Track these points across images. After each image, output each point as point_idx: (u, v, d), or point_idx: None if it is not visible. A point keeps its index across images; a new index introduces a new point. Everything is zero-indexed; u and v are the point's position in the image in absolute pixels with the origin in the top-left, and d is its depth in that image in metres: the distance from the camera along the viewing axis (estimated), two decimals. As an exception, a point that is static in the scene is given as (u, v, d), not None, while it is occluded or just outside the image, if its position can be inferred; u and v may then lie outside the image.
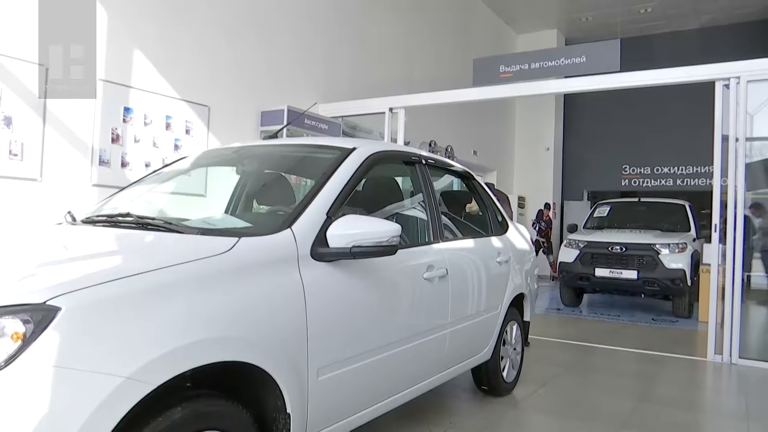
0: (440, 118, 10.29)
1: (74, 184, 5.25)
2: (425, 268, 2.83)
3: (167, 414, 1.61)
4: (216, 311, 1.76)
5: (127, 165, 5.64)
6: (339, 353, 2.22)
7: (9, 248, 2.09)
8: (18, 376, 1.36)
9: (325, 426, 2.23)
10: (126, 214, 2.41)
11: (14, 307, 1.42)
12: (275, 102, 7.12)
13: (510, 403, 3.93)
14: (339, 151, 2.68)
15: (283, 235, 2.12)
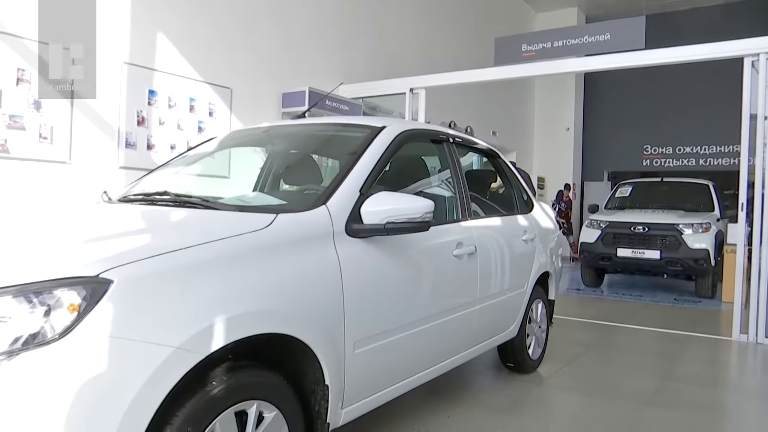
0: (459, 98, 10.23)
1: (102, 166, 5.32)
2: (454, 246, 2.86)
3: (213, 384, 1.66)
4: (258, 285, 1.81)
5: (152, 147, 5.70)
6: (374, 327, 2.26)
7: (53, 226, 2.15)
8: (74, 346, 1.41)
9: (360, 398, 2.28)
10: (163, 192, 2.46)
11: (69, 280, 1.47)
12: (296, 84, 7.13)
13: (535, 381, 3.96)
14: (369, 130, 2.70)
15: (318, 211, 2.16)
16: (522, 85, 13.85)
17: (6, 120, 4.65)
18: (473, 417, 3.19)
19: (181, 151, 5.82)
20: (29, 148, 4.80)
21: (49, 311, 1.42)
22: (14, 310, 1.42)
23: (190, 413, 1.59)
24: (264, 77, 6.93)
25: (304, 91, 6.92)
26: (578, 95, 14.95)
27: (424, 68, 8.56)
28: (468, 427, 3.03)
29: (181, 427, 1.56)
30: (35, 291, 1.44)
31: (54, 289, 1.45)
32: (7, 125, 4.66)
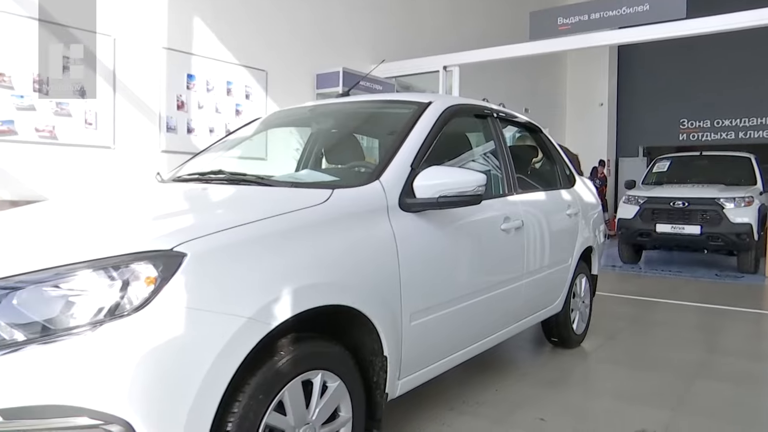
0: (491, 76, 10.13)
1: (144, 150, 5.44)
2: (502, 220, 2.86)
3: (281, 354, 1.71)
4: (320, 257, 1.85)
5: (192, 131, 5.80)
6: (428, 300, 2.29)
7: (118, 205, 2.22)
8: (153, 317, 1.46)
9: (415, 370, 2.32)
10: (218, 171, 2.51)
11: (145, 254, 1.52)
12: (329, 64, 7.15)
13: (580, 355, 3.96)
14: (415, 105, 2.71)
15: (372, 186, 2.18)
16: (553, 60, 13.63)
17: (53, 107, 4.77)
18: (521, 390, 3.21)
19: (219, 134, 5.93)
20: (75, 134, 4.93)
21: (127, 284, 1.48)
22: (95, 283, 1.48)
23: (261, 382, 1.64)
24: (298, 59, 6.96)
25: (338, 71, 6.94)
26: (612, 69, 14.65)
27: (455, 46, 8.48)
28: (517, 400, 3.05)
29: (253, 395, 1.62)
30: (114, 265, 1.50)
31: (131, 262, 1.50)
32: (55, 112, 4.79)
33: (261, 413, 1.65)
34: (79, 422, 1.40)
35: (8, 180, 4.58)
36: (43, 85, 4.71)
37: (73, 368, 1.40)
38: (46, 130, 4.75)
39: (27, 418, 1.41)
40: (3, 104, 4.50)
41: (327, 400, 1.88)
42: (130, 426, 1.41)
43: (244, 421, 1.60)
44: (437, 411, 2.86)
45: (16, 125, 4.58)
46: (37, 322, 1.45)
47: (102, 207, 2.18)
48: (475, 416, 2.82)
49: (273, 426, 1.71)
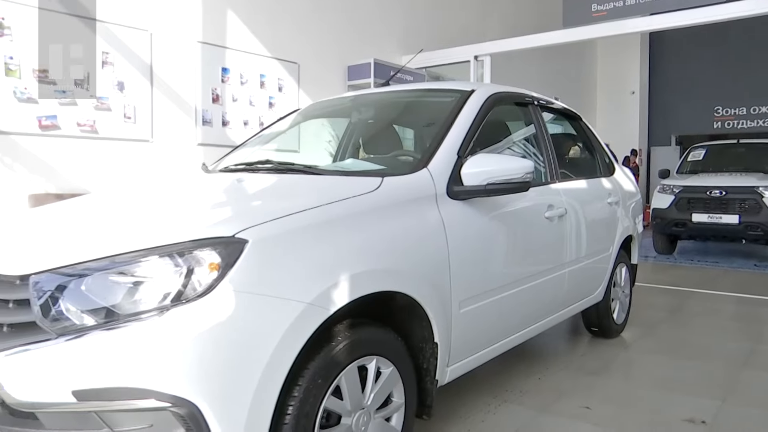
0: (520, 64, 10.02)
1: (181, 143, 5.52)
2: (546, 208, 2.85)
3: (338, 339, 1.73)
4: (374, 244, 1.87)
5: (227, 124, 5.86)
6: (476, 287, 2.30)
7: (173, 194, 2.26)
8: (218, 302, 1.49)
9: (464, 357, 2.33)
10: (265, 161, 2.54)
11: (209, 240, 1.55)
12: (360, 56, 7.15)
13: (621, 345, 3.92)
14: (459, 94, 2.70)
15: (421, 174, 2.19)
16: (584, 48, 13.43)
17: (94, 101, 4.87)
18: (564, 379, 3.20)
19: (253, 126, 5.98)
20: (115, 128, 5.02)
21: (192, 270, 1.51)
22: (161, 269, 1.51)
23: (320, 366, 1.67)
24: (329, 51, 6.98)
25: (370, 62, 6.94)
26: (643, 57, 14.39)
27: (485, 35, 8.42)
28: (560, 388, 3.04)
29: (312, 380, 1.64)
30: (178, 251, 1.53)
31: (195, 249, 1.53)
32: (95, 107, 4.88)
33: (320, 397, 1.67)
34: (148, 404, 1.44)
35: (53, 174, 4.69)
36: (84, 81, 4.80)
37: (142, 352, 1.44)
38: (87, 125, 4.84)
39: (99, 400, 1.45)
40: (47, 100, 4.60)
41: (381, 386, 1.90)
42: (197, 408, 1.45)
43: (304, 405, 1.62)
44: (481, 399, 2.87)
45: (59, 120, 4.68)
46: (105, 308, 1.49)
47: (155, 197, 2.22)
48: (520, 404, 2.82)
49: (331, 410, 1.74)
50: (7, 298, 1.61)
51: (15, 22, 4.42)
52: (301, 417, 1.62)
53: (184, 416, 1.45)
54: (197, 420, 1.46)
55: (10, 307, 1.60)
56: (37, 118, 4.58)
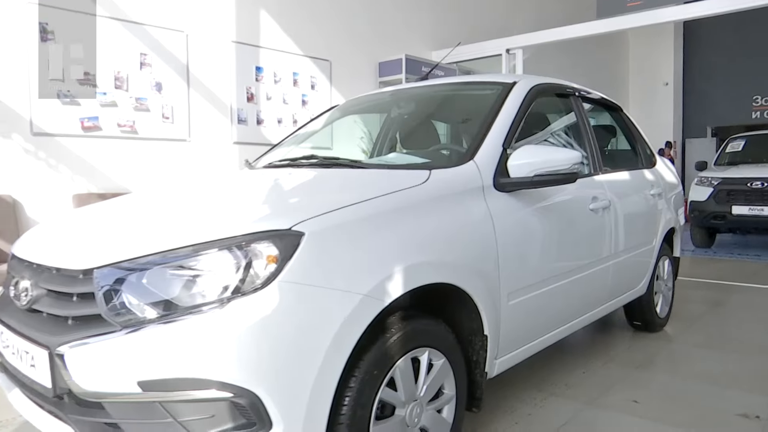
0: (550, 57, 9.90)
1: (218, 142, 5.60)
2: (590, 199, 2.82)
3: (392, 331, 1.74)
4: (426, 236, 1.87)
5: (261, 122, 5.92)
6: (524, 279, 2.28)
7: (224, 190, 2.29)
8: (276, 295, 1.51)
9: (511, 350, 2.32)
10: (310, 156, 2.56)
11: (266, 233, 1.57)
12: (391, 52, 7.16)
13: (664, 339, 3.86)
14: (501, 86, 2.69)
15: (467, 167, 2.18)
16: (615, 38, 13.21)
17: (133, 102, 4.96)
18: (609, 372, 3.16)
19: (287, 124, 6.03)
20: (154, 128, 5.11)
21: (250, 263, 1.53)
22: (220, 262, 1.54)
23: (375, 358, 1.68)
24: (360, 47, 6.99)
25: (401, 58, 6.94)
26: (677, 46, 14.08)
27: (515, 28, 8.34)
28: (606, 382, 3.01)
29: (368, 371, 1.65)
30: (237, 245, 1.55)
31: (253, 242, 1.55)
32: (134, 107, 4.98)
33: (375, 388, 1.69)
34: (210, 395, 1.47)
35: (95, 174, 4.79)
36: (123, 82, 4.90)
37: (203, 344, 1.46)
38: (127, 125, 4.94)
39: (163, 390, 1.48)
40: (89, 101, 4.71)
41: (433, 378, 1.91)
42: (257, 398, 1.47)
43: (360, 396, 1.64)
44: (526, 392, 2.85)
45: (100, 121, 4.79)
46: (166, 301, 1.52)
47: (206, 193, 2.26)
48: (566, 398, 2.80)
49: (385, 401, 1.75)
50: (71, 292, 1.66)
51: (57, 26, 4.52)
52: (358, 408, 1.64)
53: (245, 406, 1.48)
54: (258, 410, 1.48)
55: (74, 301, 1.65)
56: (80, 119, 4.69)
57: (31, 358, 1.68)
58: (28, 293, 1.78)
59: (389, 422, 1.77)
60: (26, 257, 1.91)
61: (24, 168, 4.44)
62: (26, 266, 1.89)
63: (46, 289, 1.75)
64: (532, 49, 7.94)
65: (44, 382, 1.63)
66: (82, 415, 1.60)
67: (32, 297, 1.76)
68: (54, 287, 1.72)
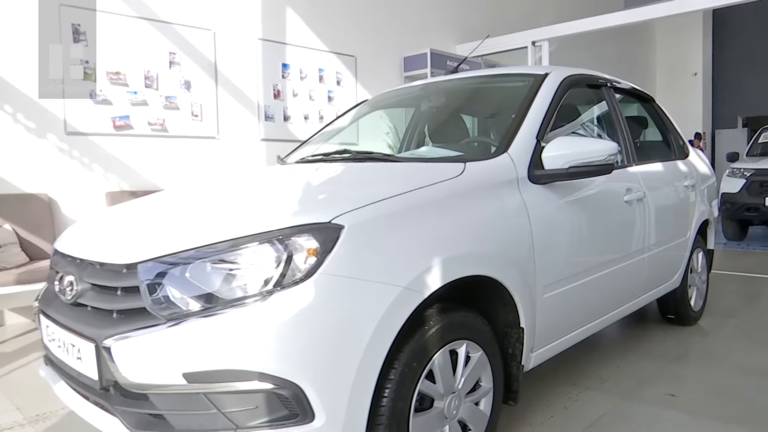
0: (576, 48, 9.76)
1: (246, 139, 5.64)
2: (624, 191, 2.79)
3: (431, 323, 1.75)
4: (463, 228, 1.87)
5: (288, 119, 5.95)
6: (560, 272, 2.27)
7: (256, 185, 2.32)
8: (316, 288, 1.52)
9: (547, 343, 2.31)
10: (343, 150, 2.57)
11: (306, 226, 1.58)
12: (416, 47, 7.13)
13: (699, 332, 3.80)
14: (532, 78, 2.67)
15: (501, 159, 2.17)
16: (642, 29, 12.99)
17: (163, 101, 5.03)
18: (644, 366, 3.13)
19: (313, 120, 6.06)
20: (183, 126, 5.18)
21: (291, 256, 1.55)
22: (261, 255, 1.55)
23: (414, 350, 1.68)
24: (385, 42, 6.98)
25: (426, 53, 6.91)
26: (706, 35, 13.79)
27: (540, 21, 8.24)
28: (642, 376, 2.98)
29: (407, 363, 1.66)
30: (277, 238, 1.57)
31: (293, 235, 1.57)
32: (164, 106, 5.04)
33: (415, 380, 1.69)
34: (254, 386, 1.49)
35: (127, 172, 4.87)
36: (153, 81, 4.97)
37: (247, 336, 1.48)
38: (157, 123, 5.01)
39: (207, 382, 1.50)
40: (120, 101, 4.79)
41: (471, 370, 1.91)
42: (300, 390, 1.49)
43: (400, 388, 1.64)
44: (560, 387, 2.83)
45: (131, 120, 4.86)
46: (209, 294, 1.55)
47: (242, 188, 2.28)
48: (601, 392, 2.78)
49: (424, 393, 1.75)
50: (115, 286, 1.69)
51: (90, 27, 4.60)
52: (398, 400, 1.64)
53: (288, 398, 1.49)
54: (301, 401, 1.50)
55: (119, 295, 1.68)
56: (112, 118, 4.77)
57: (78, 351, 1.72)
58: (73, 288, 1.82)
59: (428, 414, 1.78)
60: (69, 253, 1.96)
61: (59, 167, 4.53)
62: (69, 261, 1.93)
63: (90, 284, 1.79)
64: (558, 41, 7.84)
65: (91, 374, 1.67)
66: (128, 407, 1.63)
67: (77, 291, 1.80)
68: (98, 281, 1.76)
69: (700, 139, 12.79)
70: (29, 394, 2.87)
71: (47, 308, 1.96)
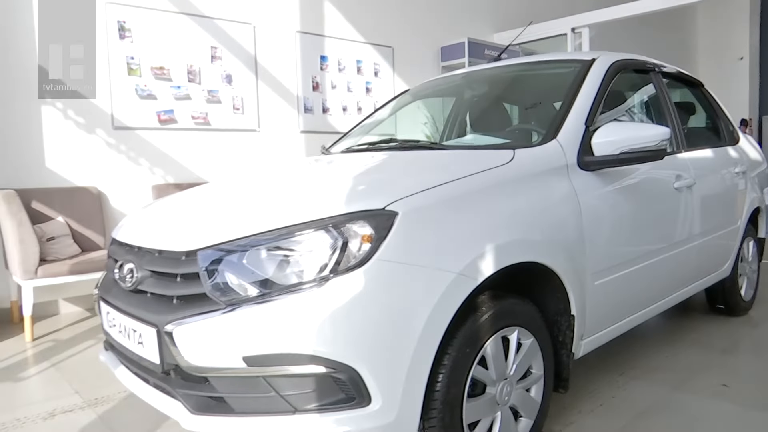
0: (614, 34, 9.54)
1: (286, 131, 5.70)
2: (674, 178, 2.74)
3: (483, 309, 1.75)
4: (514, 215, 1.87)
5: (327, 111, 5.99)
6: (610, 259, 2.25)
7: (305, 174, 2.35)
8: (372, 274, 1.54)
9: (597, 331, 2.29)
10: (389, 139, 2.59)
11: (361, 213, 1.60)
12: (452, 36, 7.08)
13: (749, 323, 3.71)
14: (579, 63, 2.63)
15: (550, 145, 2.16)
16: (684, 13, 12.63)
17: (205, 95, 5.12)
18: (693, 356, 3.07)
19: (351, 112, 6.09)
20: (225, 119, 5.26)
21: (347, 242, 1.57)
22: (318, 242, 1.58)
23: (467, 336, 1.70)
24: (422, 33, 6.95)
25: (463, 42, 6.86)
26: (753, 18, 13.31)
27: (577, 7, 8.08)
28: (691, 366, 2.93)
29: (460, 349, 1.67)
30: (333, 225, 1.59)
31: (348, 222, 1.59)
32: (207, 100, 5.13)
33: (468, 366, 1.71)
34: (312, 369, 1.52)
35: (172, 165, 4.98)
36: (196, 76, 5.06)
37: (304, 321, 1.51)
38: (200, 117, 5.10)
39: (266, 365, 1.54)
40: (164, 95, 4.89)
41: (522, 357, 1.91)
42: (357, 374, 1.51)
43: (454, 373, 1.66)
44: (608, 376, 2.81)
45: (175, 114, 4.96)
46: (267, 280, 1.58)
47: (292, 177, 2.32)
48: (650, 382, 2.74)
49: (477, 379, 1.76)
50: (175, 273, 1.74)
51: (134, 24, 4.71)
52: (452, 385, 1.66)
53: (345, 381, 1.52)
54: (357, 385, 1.52)
55: (178, 281, 1.73)
56: (156, 112, 4.87)
57: (139, 336, 1.78)
58: (133, 275, 1.88)
59: (481, 400, 1.79)
60: (128, 241, 2.02)
61: (107, 161, 4.66)
62: (128, 250, 2.00)
63: (149, 271, 1.84)
64: (598, 28, 7.68)
65: (152, 358, 1.72)
66: (189, 389, 1.68)
67: (137, 278, 1.85)
68: (157, 269, 1.81)
69: (746, 126, 12.40)
70: (87, 378, 2.98)
71: (107, 295, 2.03)
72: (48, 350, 3.52)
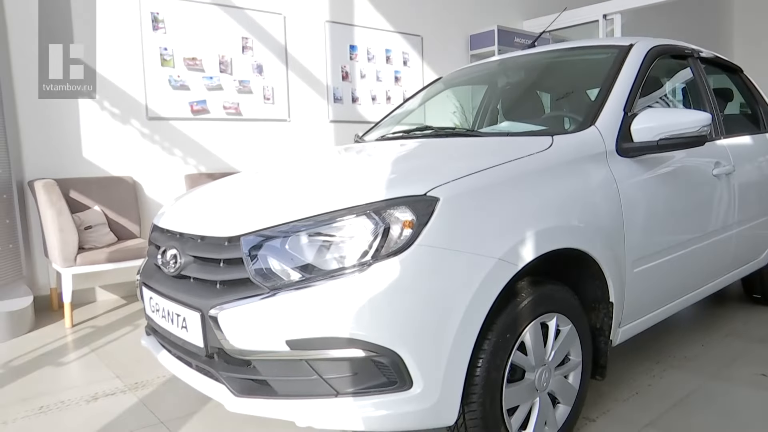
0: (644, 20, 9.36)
1: (315, 121, 5.73)
2: (713, 165, 2.69)
3: (523, 295, 1.76)
4: (554, 201, 1.87)
5: (356, 100, 6.00)
6: (649, 246, 2.23)
7: (343, 161, 2.37)
8: (414, 259, 1.55)
9: (635, 318, 2.28)
10: (424, 127, 2.59)
11: (403, 199, 1.62)
12: (482, 24, 7.02)
13: (788, 313, 3.65)
14: (617, 49, 2.60)
15: (589, 132, 2.14)
16: None
17: (237, 85, 5.17)
18: (730, 346, 3.03)
19: (381, 102, 6.09)
20: (256, 109, 5.31)
21: (388, 228, 1.58)
22: (360, 227, 1.60)
23: (507, 322, 1.70)
24: (451, 21, 6.91)
25: (493, 30, 6.80)
26: (790, 3, 12.93)
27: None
28: (728, 355, 2.89)
29: (501, 334, 1.68)
30: (375, 210, 1.61)
31: (390, 207, 1.61)
32: (238, 90, 5.19)
33: (508, 351, 1.71)
34: (354, 353, 1.54)
35: (205, 155, 5.05)
36: (227, 66, 5.11)
37: (346, 305, 1.54)
38: (232, 107, 5.16)
39: (309, 349, 1.57)
40: (197, 86, 4.95)
41: (561, 343, 1.91)
42: (399, 357, 1.53)
43: (494, 358, 1.67)
44: (644, 364, 2.79)
45: (208, 104, 5.03)
46: (309, 265, 1.61)
47: (330, 164, 2.34)
48: (686, 370, 2.72)
49: (516, 364, 1.77)
50: (218, 258, 1.78)
51: (168, 15, 4.77)
52: (492, 370, 1.67)
53: (387, 365, 1.54)
54: (399, 369, 1.54)
55: (221, 267, 1.76)
56: (189, 103, 4.94)
57: (183, 320, 1.82)
58: (176, 261, 1.92)
59: (520, 385, 1.79)
60: (170, 228, 2.06)
61: (141, 151, 4.74)
62: (170, 236, 2.04)
63: (192, 257, 1.88)
64: (629, 14, 7.54)
65: (196, 342, 1.76)
66: (233, 372, 1.72)
67: (181, 264, 1.90)
68: (200, 254, 1.85)
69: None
70: (126, 364, 3.06)
71: (149, 281, 2.07)
72: (87, 336, 3.62)
